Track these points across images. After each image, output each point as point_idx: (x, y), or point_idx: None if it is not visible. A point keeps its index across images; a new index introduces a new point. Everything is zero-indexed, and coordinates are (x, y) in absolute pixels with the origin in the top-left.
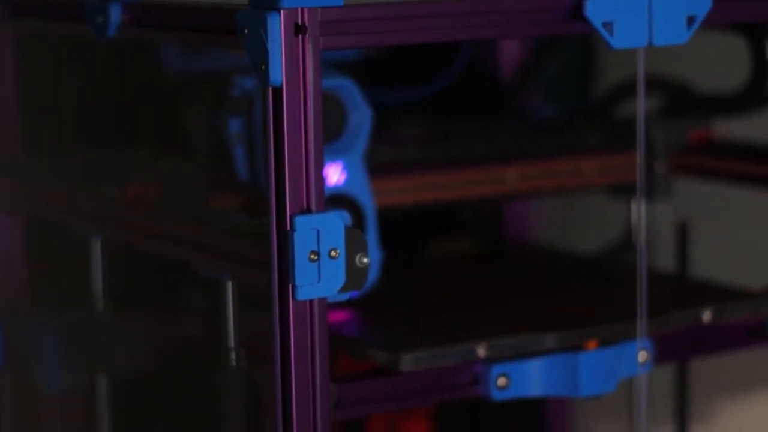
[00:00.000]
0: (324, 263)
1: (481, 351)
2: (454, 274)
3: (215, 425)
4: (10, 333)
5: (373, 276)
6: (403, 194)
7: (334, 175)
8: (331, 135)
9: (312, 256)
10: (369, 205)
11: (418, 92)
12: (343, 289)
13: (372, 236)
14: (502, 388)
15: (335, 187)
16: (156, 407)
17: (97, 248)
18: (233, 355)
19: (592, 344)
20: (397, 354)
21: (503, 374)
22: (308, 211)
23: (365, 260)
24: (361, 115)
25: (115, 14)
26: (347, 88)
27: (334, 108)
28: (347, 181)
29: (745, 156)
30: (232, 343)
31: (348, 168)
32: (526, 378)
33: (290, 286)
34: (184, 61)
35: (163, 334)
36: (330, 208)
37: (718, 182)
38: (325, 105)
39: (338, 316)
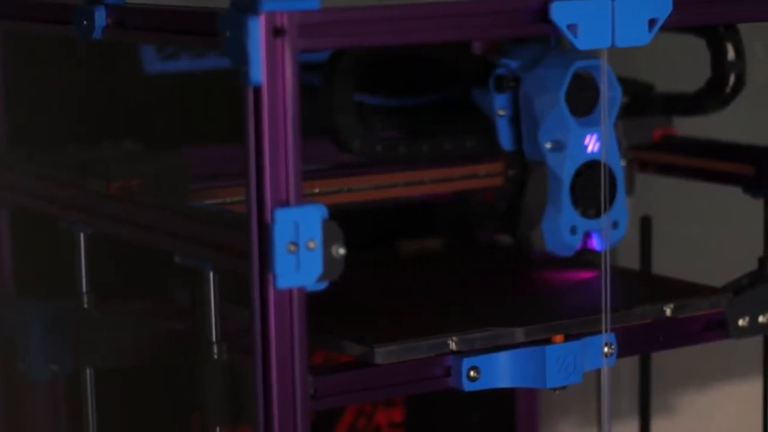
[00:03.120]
0: (302, 254)
1: (453, 344)
2: (426, 270)
3: (197, 414)
4: None
5: (621, 233)
6: (373, 191)
7: (591, 143)
8: (588, 109)
9: (291, 247)
10: (618, 170)
11: (410, 99)
12: (320, 279)
13: (621, 197)
14: (473, 380)
15: (592, 154)
16: (140, 396)
17: (82, 240)
18: (215, 347)
19: (558, 338)
20: (371, 347)
21: (474, 367)
22: (287, 204)
23: (341, 251)
24: (613, 92)
25: (100, 17)
26: (600, 68)
27: (588, 86)
28: (602, 149)
29: (706, 152)
30: (213, 333)
31: (601, 138)
32: (496, 370)
33: (270, 275)
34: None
35: (147, 326)
36: (589, 172)
37: (679, 178)
38: (583, 82)
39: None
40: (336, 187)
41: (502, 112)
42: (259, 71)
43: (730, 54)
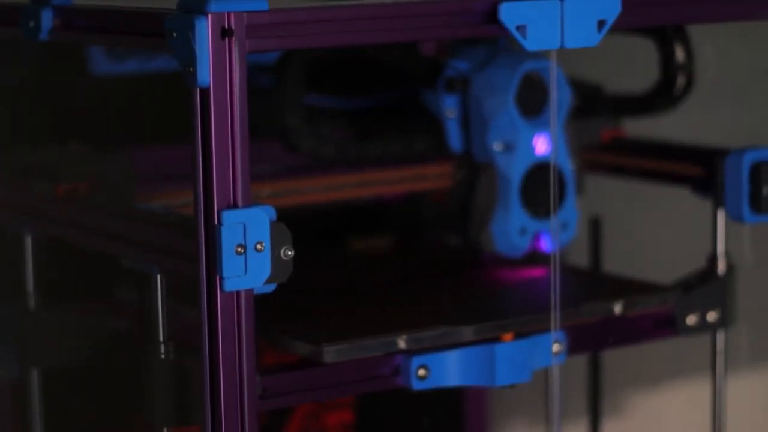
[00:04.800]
0: (250, 256)
1: (402, 343)
2: (374, 269)
3: (145, 415)
4: None
5: (571, 234)
6: (323, 192)
7: (542, 145)
8: (537, 110)
9: (239, 249)
10: (568, 172)
11: (361, 101)
12: (268, 281)
13: (571, 198)
14: (422, 379)
15: (542, 155)
16: (87, 398)
17: (28, 244)
18: (162, 347)
19: (508, 336)
20: (320, 346)
21: (423, 365)
22: (235, 206)
23: (289, 253)
24: (562, 93)
25: (47, 18)
26: (549, 70)
27: (537, 86)
28: (551, 150)
29: (655, 154)
30: (161, 334)
31: (551, 139)
32: (445, 369)
33: (218, 278)
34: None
35: (94, 327)
36: (538, 173)
37: (628, 179)
38: (532, 83)
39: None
40: (286, 188)
41: (451, 114)
42: (206, 72)
43: (679, 55)
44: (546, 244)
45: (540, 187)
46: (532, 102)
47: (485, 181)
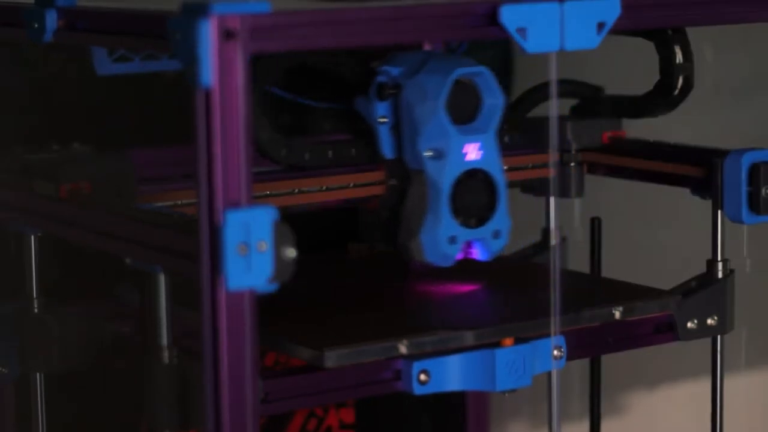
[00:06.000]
0: (253, 255)
1: (403, 348)
2: (376, 273)
3: (146, 417)
4: None
5: (503, 243)
6: (325, 193)
7: (472, 152)
8: (469, 117)
9: (241, 249)
10: (500, 180)
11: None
12: (271, 280)
13: (503, 206)
14: (423, 383)
15: (473, 162)
16: (90, 400)
17: (32, 244)
18: (165, 350)
19: (508, 341)
20: (321, 351)
21: (424, 370)
22: (238, 206)
23: (292, 253)
24: (494, 100)
25: (51, 20)
26: (482, 75)
27: (469, 93)
28: (483, 158)
29: (654, 155)
30: (164, 337)
31: (483, 147)
32: (446, 373)
33: (220, 277)
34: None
35: (96, 329)
36: (469, 181)
37: (629, 180)
38: (464, 90)
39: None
40: (287, 189)
41: (383, 120)
42: (209, 74)
43: (678, 57)
44: (479, 254)
45: (471, 195)
46: (464, 109)
47: (416, 188)
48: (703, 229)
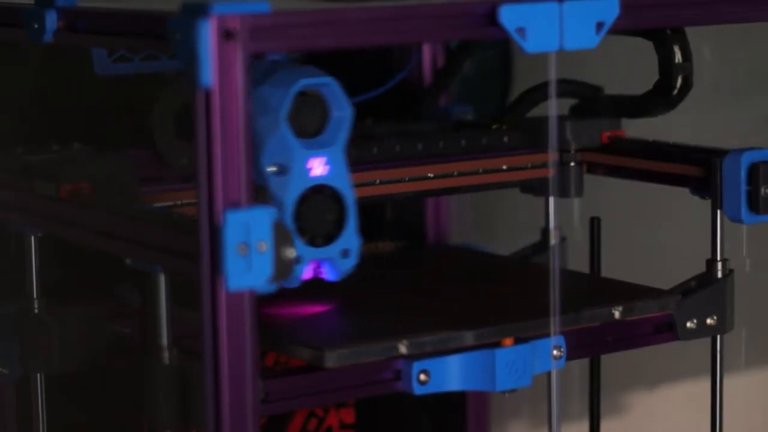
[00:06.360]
0: (253, 255)
1: (403, 348)
2: (376, 273)
3: (146, 417)
4: None
5: (352, 262)
6: None
7: (318, 167)
8: (314, 130)
9: (241, 249)
10: (350, 196)
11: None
12: (271, 281)
13: (352, 224)
14: (423, 383)
15: (319, 178)
16: (90, 400)
17: (33, 244)
18: (165, 350)
19: (508, 341)
20: (321, 351)
21: (424, 370)
22: (238, 206)
23: (291, 253)
24: (342, 112)
25: (51, 20)
26: (329, 86)
27: (315, 105)
28: (330, 173)
29: (654, 154)
30: (164, 337)
31: (331, 161)
32: (446, 373)
33: (221, 277)
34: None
35: (97, 329)
36: (315, 198)
37: (628, 180)
38: (308, 102)
39: (265, 314)
40: None
41: None
42: (209, 74)
43: (677, 56)
44: (327, 273)
45: (317, 213)
46: (309, 122)
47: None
48: (703, 229)
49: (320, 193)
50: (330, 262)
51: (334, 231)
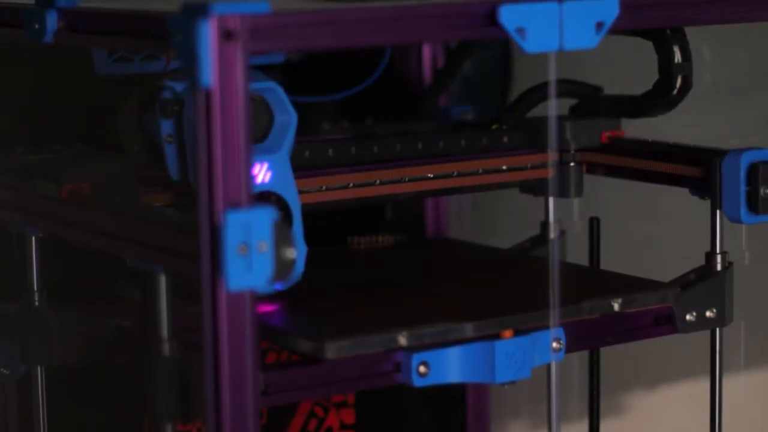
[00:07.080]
0: (253, 256)
1: (402, 340)
2: (376, 266)
3: (147, 411)
4: None
5: (299, 269)
6: (325, 192)
7: (261, 173)
8: (258, 136)
9: (242, 249)
10: (294, 202)
11: (338, 94)
12: (271, 281)
13: (298, 231)
14: (423, 375)
15: (262, 185)
16: (91, 396)
17: (33, 244)
18: (166, 346)
19: (508, 333)
20: (321, 343)
21: (423, 362)
22: (238, 206)
23: (291, 253)
24: (286, 117)
25: (52, 20)
26: (273, 91)
27: (260, 110)
28: (273, 179)
29: (653, 154)
30: (164, 331)
31: (274, 167)
32: (446, 365)
33: (221, 277)
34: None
35: (97, 326)
36: (257, 205)
37: (628, 180)
38: (252, 107)
39: (265, 309)
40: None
41: (169, 139)
42: (209, 74)
43: (677, 57)
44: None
45: None
46: (253, 126)
47: None
48: (704, 229)
49: (264, 201)
50: None
51: None
